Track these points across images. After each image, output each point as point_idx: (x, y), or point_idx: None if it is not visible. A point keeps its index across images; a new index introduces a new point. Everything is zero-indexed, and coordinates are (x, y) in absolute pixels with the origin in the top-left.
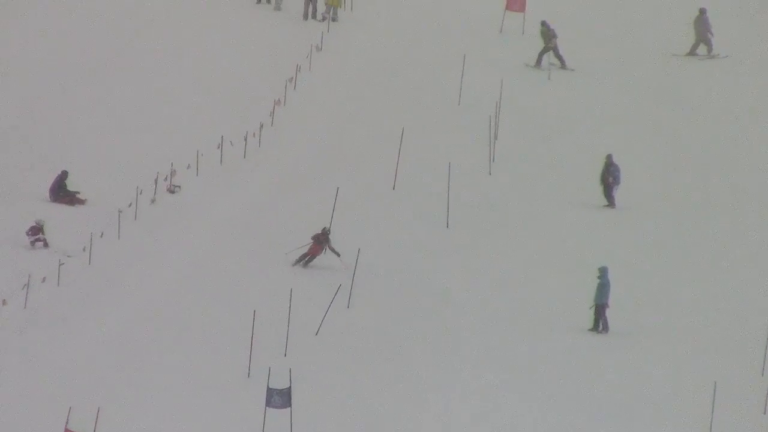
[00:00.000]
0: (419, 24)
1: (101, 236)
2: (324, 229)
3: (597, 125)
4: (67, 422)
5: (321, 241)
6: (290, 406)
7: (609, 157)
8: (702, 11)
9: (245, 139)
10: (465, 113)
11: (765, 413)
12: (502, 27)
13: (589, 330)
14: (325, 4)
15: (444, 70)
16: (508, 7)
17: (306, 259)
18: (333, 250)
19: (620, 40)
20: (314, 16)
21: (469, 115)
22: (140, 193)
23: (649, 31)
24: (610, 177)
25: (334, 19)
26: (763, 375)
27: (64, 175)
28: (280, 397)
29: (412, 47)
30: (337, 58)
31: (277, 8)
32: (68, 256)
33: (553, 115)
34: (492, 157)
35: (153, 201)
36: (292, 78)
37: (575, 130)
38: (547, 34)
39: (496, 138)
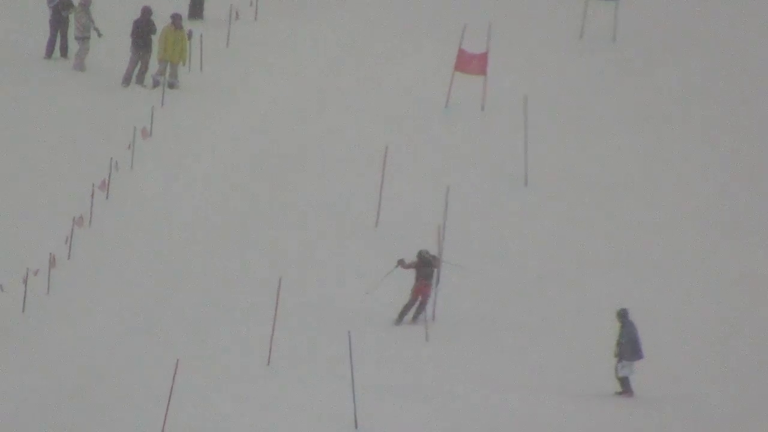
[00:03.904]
0: (312, 92)
1: None
2: (422, 252)
3: (603, 262)
4: None
5: (427, 273)
6: None
7: (623, 315)
8: None
9: (25, 283)
10: (385, 241)
11: None
12: (448, 99)
13: None
14: (159, 60)
15: (352, 171)
16: (458, 67)
17: (415, 308)
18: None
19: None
20: (140, 81)
21: (391, 245)
22: None
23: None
24: (616, 347)
25: (172, 85)
26: None
27: None
28: None
29: (299, 132)
30: (176, 150)
31: (79, 67)
32: None
33: (531, 245)
34: (431, 315)
35: None
36: (103, 182)
37: (567, 271)
38: None
39: (437, 283)
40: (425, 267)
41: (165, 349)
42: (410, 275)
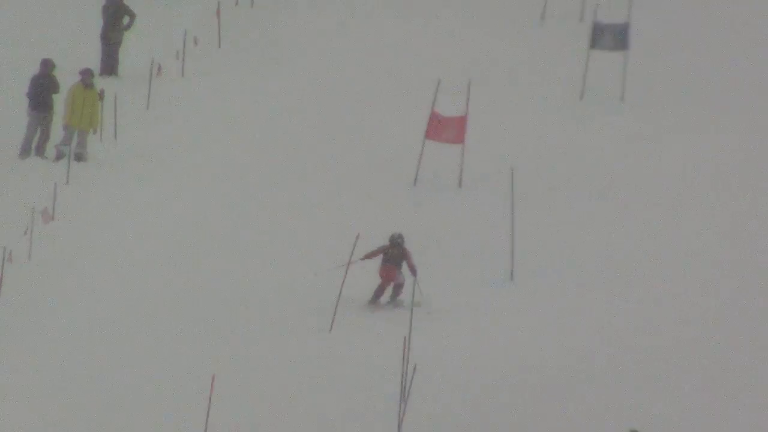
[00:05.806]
0: (254, 167)
1: None
2: (394, 236)
3: (609, 373)
4: None
5: (394, 256)
6: None
7: None
8: None
9: None
10: (341, 345)
11: None
12: (417, 174)
13: None
14: (64, 126)
15: (302, 270)
16: (430, 135)
17: (382, 295)
18: (412, 269)
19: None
20: (40, 152)
21: (347, 352)
22: None
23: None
24: None
25: (79, 157)
26: None
27: None
28: None
29: (237, 219)
30: (84, 237)
31: None
32: None
33: (517, 356)
34: None
35: None
36: None
37: (566, 385)
38: None
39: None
40: (393, 249)
41: None
42: None
